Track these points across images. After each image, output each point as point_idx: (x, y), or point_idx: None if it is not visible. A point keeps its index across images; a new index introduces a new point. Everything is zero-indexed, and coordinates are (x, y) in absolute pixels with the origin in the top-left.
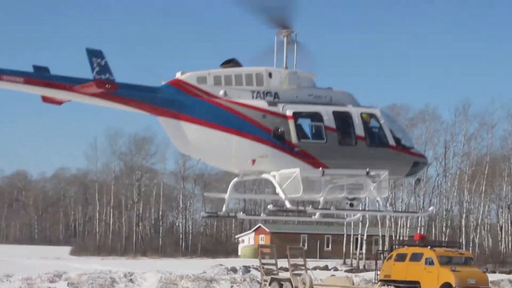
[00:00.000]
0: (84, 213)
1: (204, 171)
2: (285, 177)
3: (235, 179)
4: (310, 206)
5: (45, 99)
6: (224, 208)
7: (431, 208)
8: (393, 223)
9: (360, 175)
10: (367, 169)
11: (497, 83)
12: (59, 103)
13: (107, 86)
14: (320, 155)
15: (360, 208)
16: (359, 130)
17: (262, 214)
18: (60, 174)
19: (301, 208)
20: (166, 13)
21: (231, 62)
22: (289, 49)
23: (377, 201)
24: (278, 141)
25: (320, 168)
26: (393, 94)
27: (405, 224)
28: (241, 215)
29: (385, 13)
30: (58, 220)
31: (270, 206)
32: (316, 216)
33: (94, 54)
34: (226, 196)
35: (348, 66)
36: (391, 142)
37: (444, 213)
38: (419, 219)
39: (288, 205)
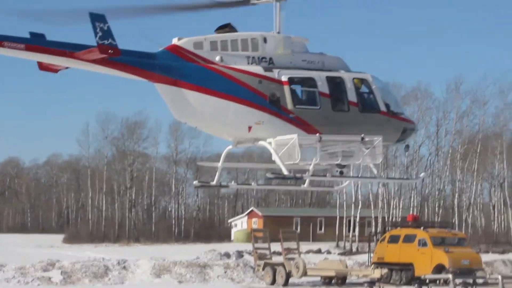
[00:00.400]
0: (77, 200)
1: (196, 155)
2: (282, 144)
3: (228, 148)
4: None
5: (42, 66)
6: (216, 178)
7: (422, 174)
8: (385, 204)
9: (355, 141)
10: (362, 135)
11: (490, 57)
12: (55, 71)
13: (110, 51)
14: (314, 121)
15: (353, 175)
16: (352, 95)
17: (252, 184)
18: (53, 160)
19: (298, 174)
20: None
21: (227, 27)
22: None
23: (370, 167)
24: (274, 107)
25: (317, 134)
26: (385, 71)
27: (397, 205)
28: (232, 184)
29: None
30: (51, 208)
31: (268, 174)
32: (305, 185)
33: (97, 19)
34: (219, 165)
35: (339, 40)
36: (382, 108)
37: (437, 193)
38: (412, 200)
39: (285, 171)
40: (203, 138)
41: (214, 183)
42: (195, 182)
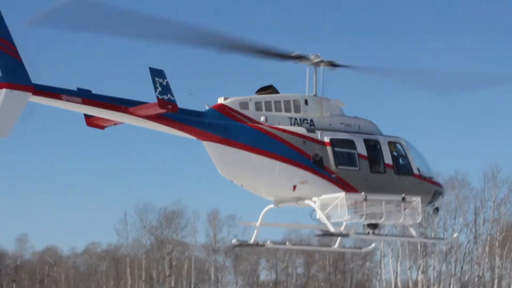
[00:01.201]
0: None
1: None
2: (327, 202)
3: (267, 207)
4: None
5: (90, 122)
6: (253, 237)
7: (455, 234)
8: None
9: (396, 201)
10: (403, 195)
11: None
12: (102, 127)
13: (169, 106)
14: (354, 182)
15: (389, 234)
16: (387, 158)
17: (287, 243)
18: (91, 249)
19: (344, 232)
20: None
21: (269, 89)
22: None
23: (409, 228)
24: (317, 167)
25: (362, 193)
26: None
27: None
28: (268, 243)
29: None
30: None
31: (317, 232)
32: (336, 246)
33: (156, 74)
34: (257, 224)
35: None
36: (415, 171)
37: (476, 279)
38: (451, 286)
39: (332, 229)
40: (242, 226)
41: (251, 241)
42: (234, 240)
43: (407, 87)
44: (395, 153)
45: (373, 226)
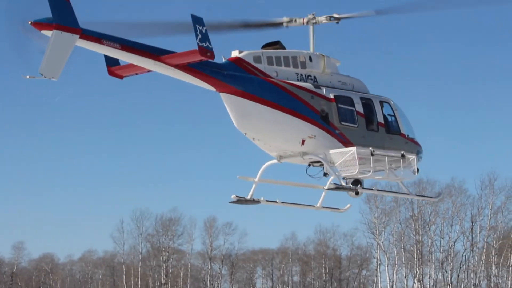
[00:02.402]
0: None
1: (231, 251)
2: (337, 157)
3: (267, 163)
4: None
5: (111, 72)
6: (250, 192)
7: (441, 196)
8: None
9: (397, 157)
10: (402, 152)
11: None
12: (122, 77)
13: (208, 54)
14: (353, 138)
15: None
16: (380, 117)
17: (277, 201)
18: (87, 256)
19: (353, 186)
20: None
21: (277, 44)
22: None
23: (401, 185)
24: (324, 122)
25: (370, 148)
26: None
27: None
28: (262, 200)
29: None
30: None
31: (330, 185)
32: (318, 205)
33: (197, 21)
34: (255, 179)
35: None
36: (402, 130)
37: (472, 287)
38: None
39: (343, 182)
40: (238, 234)
41: (248, 197)
42: (233, 196)
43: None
44: (385, 113)
45: (357, 183)
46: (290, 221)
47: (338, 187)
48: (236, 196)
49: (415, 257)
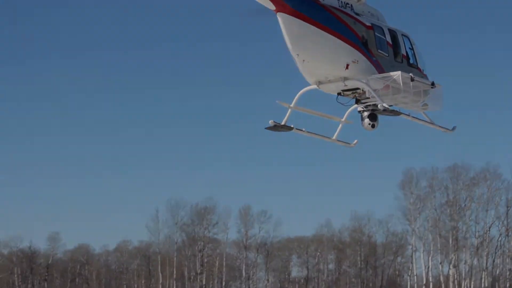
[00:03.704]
0: (148, 286)
1: (266, 240)
2: (378, 82)
3: (303, 90)
4: None
5: None
6: (285, 118)
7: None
8: (456, 286)
9: (428, 85)
10: (432, 81)
11: None
12: None
13: None
14: (386, 67)
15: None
16: (403, 49)
17: (303, 129)
18: (123, 247)
19: (394, 108)
20: None
21: None
22: None
23: (424, 113)
24: (365, 49)
25: (410, 74)
26: (453, 154)
27: (469, 286)
28: (294, 129)
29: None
30: None
31: (380, 106)
32: (334, 137)
33: None
34: (291, 104)
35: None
36: (419, 64)
37: (508, 273)
38: (482, 281)
39: (386, 105)
40: (273, 223)
41: (282, 123)
42: (271, 121)
43: None
44: (406, 46)
45: (373, 118)
46: (325, 208)
47: (386, 110)
48: (273, 122)
49: (450, 243)
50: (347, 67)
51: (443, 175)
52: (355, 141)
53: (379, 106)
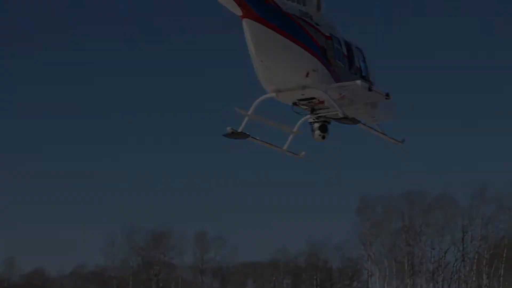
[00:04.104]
0: None
1: (222, 264)
2: (335, 91)
3: (262, 97)
4: None
5: None
6: (242, 125)
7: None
8: None
9: (383, 96)
10: (387, 92)
11: None
12: None
13: None
14: (342, 77)
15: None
16: (357, 61)
17: (258, 139)
18: (78, 271)
19: (352, 116)
20: None
21: None
22: None
23: (377, 123)
24: (324, 58)
25: (369, 84)
26: (410, 177)
27: None
28: (249, 138)
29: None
30: None
31: (341, 114)
32: (285, 147)
33: None
34: (249, 112)
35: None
36: (371, 77)
37: None
38: None
39: (347, 114)
40: (229, 247)
41: (239, 130)
42: (228, 128)
43: None
44: (360, 58)
45: (324, 129)
46: (281, 233)
47: (342, 118)
48: (231, 129)
49: (406, 268)
50: (307, 75)
51: (399, 200)
52: (303, 152)
53: (339, 113)
